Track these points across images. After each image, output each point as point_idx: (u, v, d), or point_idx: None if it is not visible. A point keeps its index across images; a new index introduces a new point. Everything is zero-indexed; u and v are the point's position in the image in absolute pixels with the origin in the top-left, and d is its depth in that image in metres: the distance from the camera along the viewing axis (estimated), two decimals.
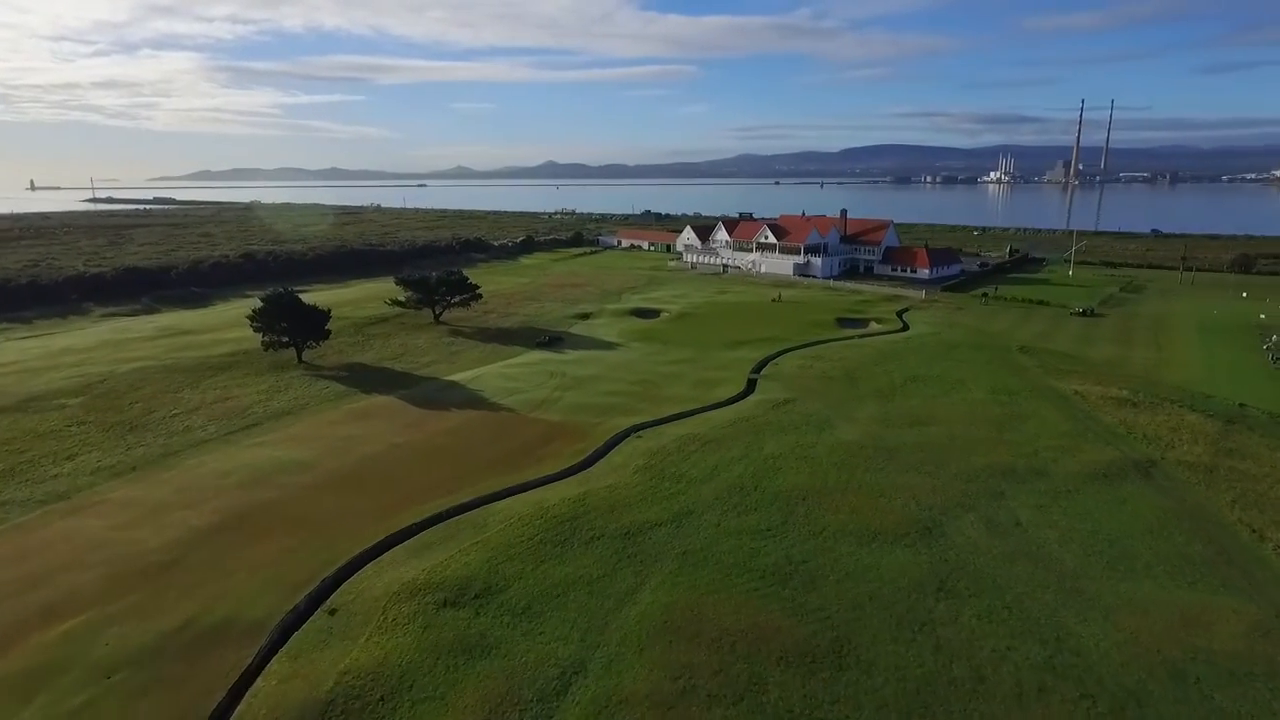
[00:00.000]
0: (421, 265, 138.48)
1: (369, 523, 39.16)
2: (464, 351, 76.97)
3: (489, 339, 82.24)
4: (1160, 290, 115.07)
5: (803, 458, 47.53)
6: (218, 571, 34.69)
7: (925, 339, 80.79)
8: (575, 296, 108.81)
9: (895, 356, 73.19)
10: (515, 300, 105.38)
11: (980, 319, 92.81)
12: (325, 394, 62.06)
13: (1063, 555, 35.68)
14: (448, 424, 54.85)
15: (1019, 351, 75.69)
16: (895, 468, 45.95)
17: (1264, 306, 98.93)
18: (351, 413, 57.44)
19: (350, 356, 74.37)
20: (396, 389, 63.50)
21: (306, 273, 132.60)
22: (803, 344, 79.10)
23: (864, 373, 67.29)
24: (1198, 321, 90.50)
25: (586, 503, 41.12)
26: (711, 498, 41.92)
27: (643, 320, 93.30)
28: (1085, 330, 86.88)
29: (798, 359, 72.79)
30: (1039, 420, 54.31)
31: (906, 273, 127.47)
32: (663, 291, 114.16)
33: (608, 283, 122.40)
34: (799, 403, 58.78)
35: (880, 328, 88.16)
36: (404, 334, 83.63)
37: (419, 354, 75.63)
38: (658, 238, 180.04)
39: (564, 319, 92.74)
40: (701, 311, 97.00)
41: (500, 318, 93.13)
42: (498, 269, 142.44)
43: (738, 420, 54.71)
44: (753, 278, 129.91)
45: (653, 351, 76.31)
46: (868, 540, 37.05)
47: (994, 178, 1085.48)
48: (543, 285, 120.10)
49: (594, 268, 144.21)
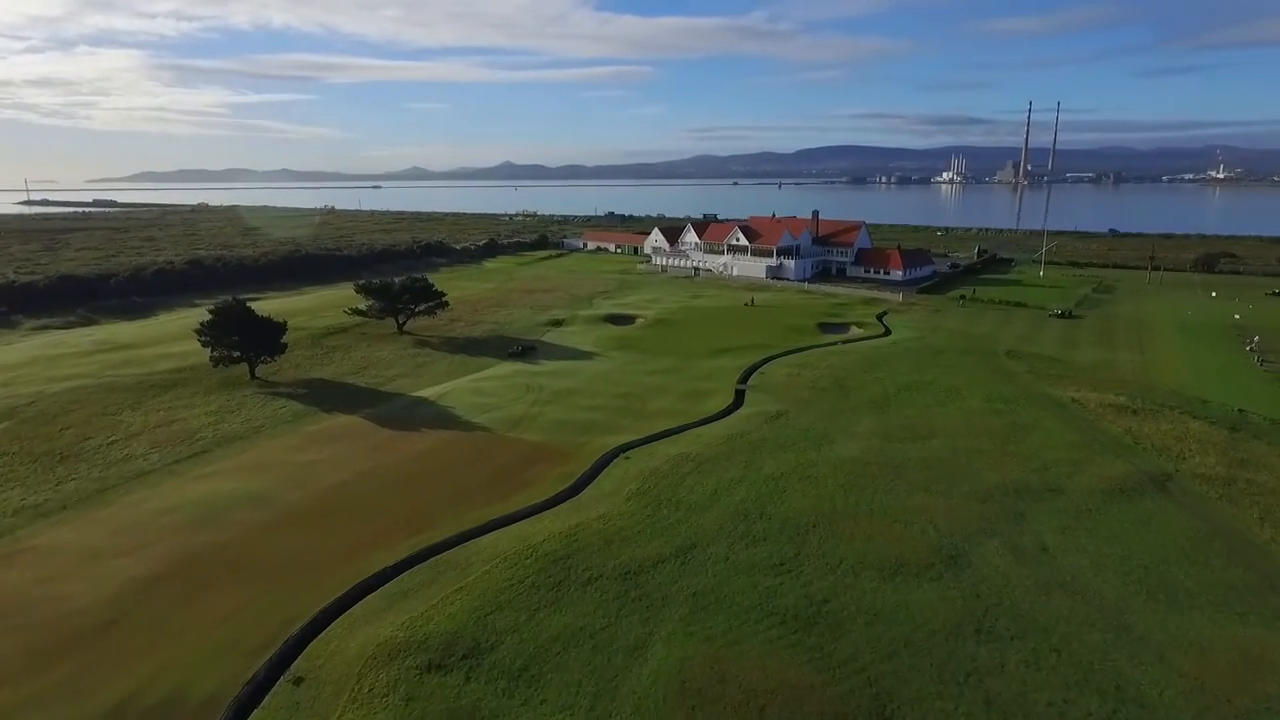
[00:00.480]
0: (381, 270, 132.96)
1: (336, 567, 34.87)
2: (431, 364, 72.41)
3: (457, 349, 77.73)
4: (1131, 290, 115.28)
5: (806, 478, 44.43)
6: (162, 634, 30.14)
7: (910, 344, 78.63)
8: (545, 302, 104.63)
9: (883, 363, 70.79)
10: (482, 307, 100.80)
11: (961, 322, 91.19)
12: (282, 414, 57.12)
13: (1100, 586, 33.06)
14: (419, 446, 50.51)
15: (1006, 356, 73.95)
16: (905, 488, 43.11)
17: (1236, 306, 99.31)
18: (312, 436, 52.69)
19: (309, 371, 69.28)
20: (361, 407, 58.85)
21: (258, 279, 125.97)
22: (786, 350, 76.31)
23: (854, 381, 64.66)
24: (1175, 322, 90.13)
25: (579, 537, 37.37)
26: (715, 527, 38.52)
27: (618, 327, 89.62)
28: (1067, 332, 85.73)
29: (784, 367, 69.91)
30: (1043, 431, 52.13)
31: (879, 274, 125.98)
32: (635, 296, 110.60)
33: (577, 287, 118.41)
34: (792, 415, 55.77)
35: (862, 332, 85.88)
36: (366, 345, 78.65)
37: (383, 367, 70.86)
38: (624, 240, 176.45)
39: (535, 327, 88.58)
40: (678, 317, 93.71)
41: (468, 326, 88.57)
42: (461, 274, 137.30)
43: (731, 436, 51.45)
44: (725, 281, 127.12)
45: (632, 361, 72.71)
46: (890, 574, 33.99)
47: (946, 178, 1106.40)
48: (510, 291, 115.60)
49: (561, 271, 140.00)
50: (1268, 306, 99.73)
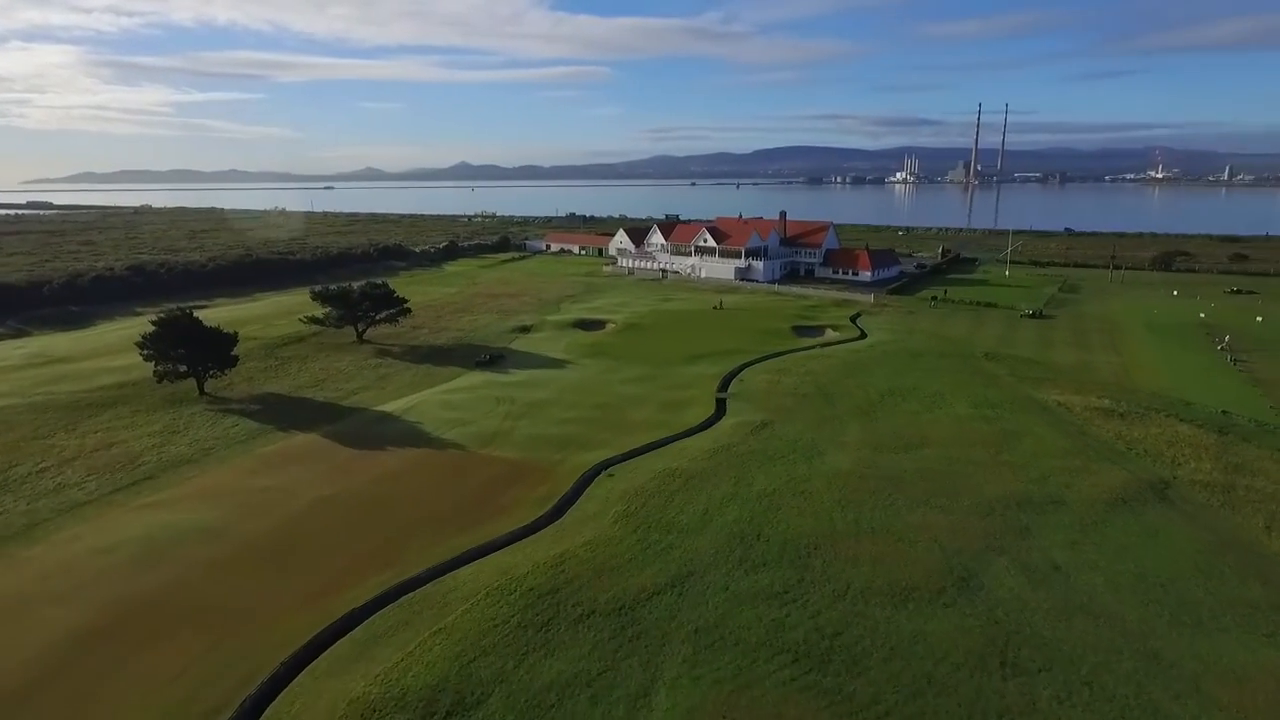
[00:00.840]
0: (337, 275, 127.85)
1: (299, 610, 31.53)
2: (395, 375, 68.69)
3: (422, 359, 74.07)
4: (1095, 290, 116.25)
5: (800, 494, 42.26)
6: (99, 698, 26.57)
7: (888, 347, 77.32)
8: (511, 307, 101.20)
9: (863, 368, 69.23)
10: (446, 313, 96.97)
11: (935, 323, 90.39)
12: (234, 434, 53.07)
13: (1119, 608, 31.40)
14: (385, 467, 47.09)
15: (985, 359, 73.04)
16: (904, 502, 41.21)
17: (1199, 305, 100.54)
18: (268, 458, 48.84)
19: (262, 385, 65.06)
20: (320, 424, 55.06)
21: (206, 285, 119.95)
22: (763, 356, 74.34)
23: (837, 387, 62.90)
24: (1143, 322, 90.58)
25: (566, 567, 34.57)
26: (710, 551, 36.05)
27: (588, 333, 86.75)
28: (1040, 333, 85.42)
29: (763, 373, 67.88)
30: (1034, 438, 50.85)
31: (848, 275, 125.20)
32: (603, 300, 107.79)
33: (543, 291, 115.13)
34: (778, 425, 53.66)
35: (838, 335, 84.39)
36: (324, 356, 74.49)
37: (343, 379, 66.95)
38: (588, 241, 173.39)
39: (502, 333, 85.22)
40: (649, 322, 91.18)
41: (432, 334, 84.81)
42: (422, 278, 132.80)
43: (717, 450, 49.07)
44: (694, 283, 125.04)
45: (606, 369, 69.96)
46: (901, 599, 31.90)
47: (900, 178, 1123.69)
48: (474, 295, 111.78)
49: (526, 275, 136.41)
50: (1229, 305, 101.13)
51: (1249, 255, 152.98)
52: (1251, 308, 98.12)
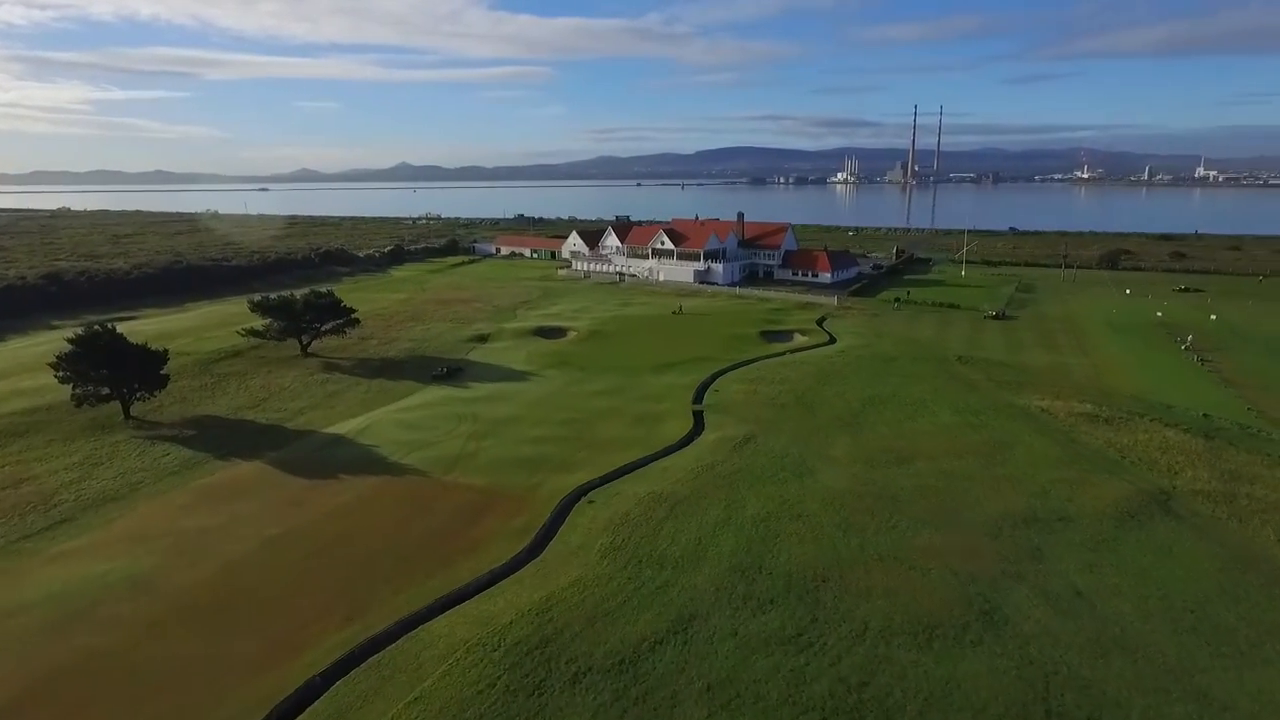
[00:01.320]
0: (276, 282, 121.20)
1: (247, 680, 27.21)
2: (345, 392, 63.74)
3: (374, 373, 69.15)
4: (1051, 289, 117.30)
5: (797, 517, 39.45)
6: None
7: (860, 352, 75.48)
8: (465, 315, 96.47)
9: (838, 374, 67.10)
10: (396, 322, 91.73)
11: (902, 326, 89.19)
12: (166, 464, 47.74)
13: (1155, 639, 29.33)
14: (341, 499, 42.62)
15: (959, 363, 71.79)
16: (906, 523, 38.76)
17: (1153, 304, 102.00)
18: (206, 492, 43.82)
19: (197, 406, 59.44)
20: (264, 450, 50.07)
21: (131, 295, 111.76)
22: (735, 363, 71.68)
23: (815, 396, 60.56)
24: (1104, 321, 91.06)
25: (554, 614, 30.97)
26: (711, 588, 32.89)
27: (549, 341, 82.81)
28: (1007, 335, 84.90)
29: (738, 382, 65.16)
30: (1025, 447, 49.18)
31: (808, 277, 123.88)
32: (561, 305, 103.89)
33: (498, 297, 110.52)
34: (761, 440, 50.88)
35: (807, 340, 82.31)
36: (265, 372, 68.91)
37: (288, 398, 61.73)
38: (540, 244, 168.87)
39: (458, 343, 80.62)
40: (612, 328, 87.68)
41: (382, 345, 79.70)
42: (368, 284, 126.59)
43: (701, 469, 46.00)
44: (653, 286, 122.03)
45: (572, 381, 66.27)
46: (926, 639, 29.24)
47: (841, 178, 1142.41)
48: (424, 302, 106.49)
49: (478, 279, 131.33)
50: (1181, 303, 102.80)
51: (1186, 254, 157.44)
52: (1202, 306, 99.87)
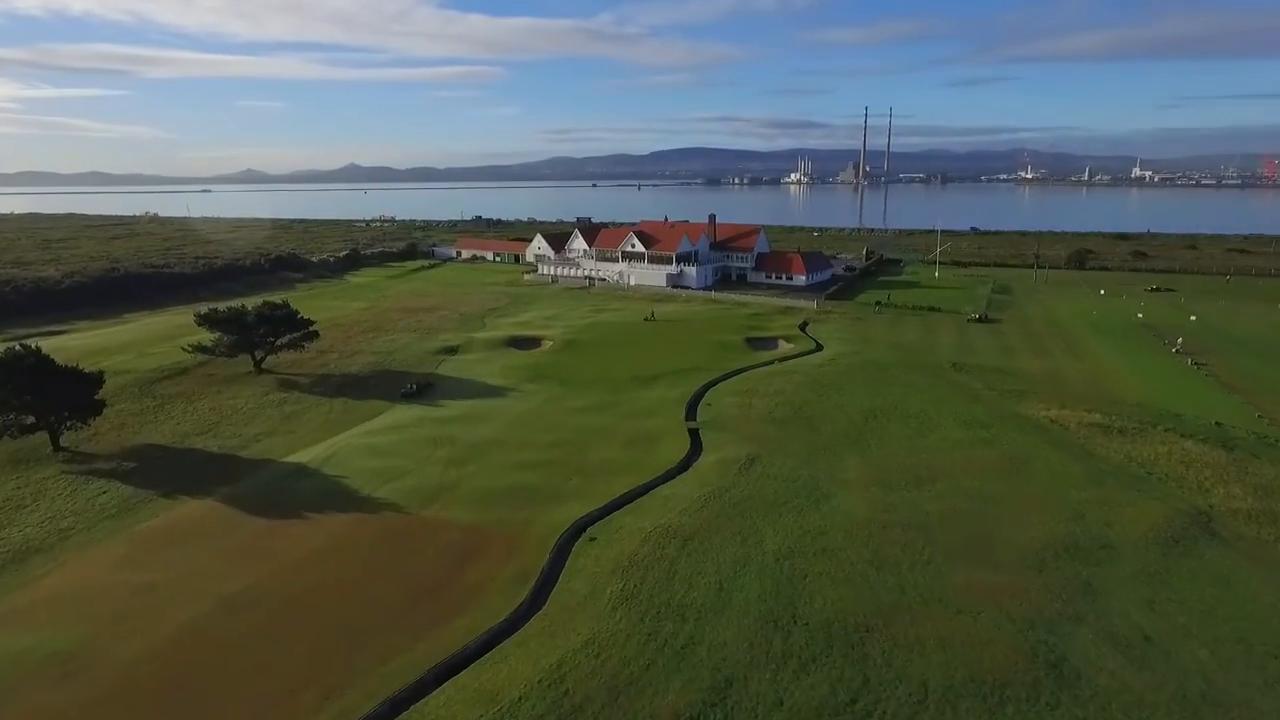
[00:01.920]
0: (224, 290, 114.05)
1: None
2: (305, 413, 58.26)
3: (336, 391, 63.68)
4: (1025, 290, 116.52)
5: (822, 552, 35.83)
6: None
7: (850, 360, 72.48)
8: (431, 324, 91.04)
9: (834, 385, 63.91)
10: (357, 333, 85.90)
11: (887, 331, 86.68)
12: (102, 506, 42.04)
13: (1245, 693, 26.36)
14: (308, 544, 37.61)
15: (954, 370, 69.30)
16: (942, 557, 35.42)
17: (1130, 305, 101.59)
18: (149, 539, 38.37)
19: (138, 434, 53.43)
20: (216, 485, 44.64)
21: (63, 306, 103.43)
22: (724, 374, 68.04)
23: (814, 409, 57.24)
24: (1087, 323, 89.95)
25: (569, 685, 26.72)
26: (743, 645, 28.99)
27: (524, 352, 78.12)
28: (994, 339, 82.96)
29: (730, 395, 61.50)
30: (1043, 464, 46.46)
31: (782, 280, 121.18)
32: (532, 313, 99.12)
33: (464, 304, 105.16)
34: (766, 461, 47.25)
35: (793, 348, 79.12)
36: (215, 392, 62.91)
37: (241, 422, 56.04)
38: (503, 248, 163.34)
39: (426, 356, 75.39)
40: (588, 337, 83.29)
41: (343, 359, 74.04)
42: (324, 291, 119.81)
43: (708, 497, 42.13)
44: (624, 291, 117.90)
45: (553, 396, 61.84)
46: (996, 701, 25.79)
47: (795, 179, 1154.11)
48: (386, 311, 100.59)
49: (441, 285, 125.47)
50: (1157, 304, 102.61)
51: (1147, 253, 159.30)
52: (1178, 306, 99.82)
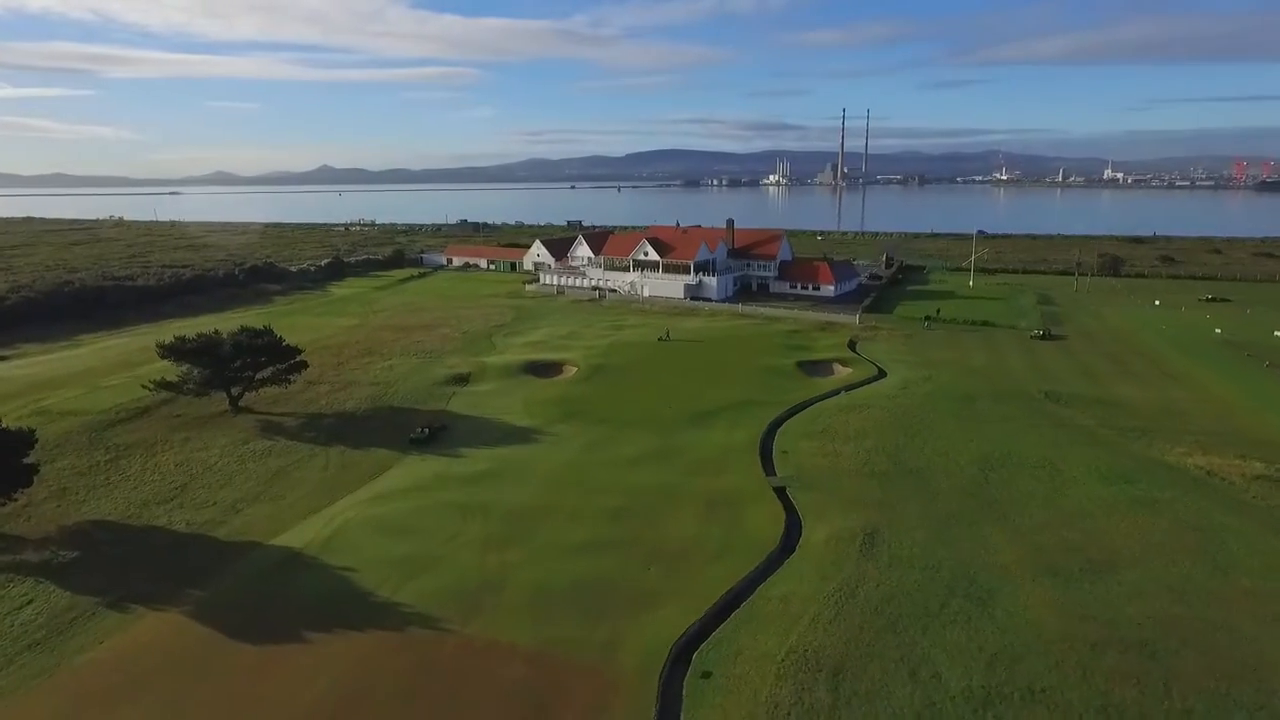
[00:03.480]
0: (193, 305, 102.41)
1: None
2: (294, 469, 47.37)
3: (330, 437, 52.77)
4: (1070, 300, 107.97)
5: (1031, 697, 26.20)
6: None
7: (926, 389, 62.91)
8: (431, 345, 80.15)
9: (921, 423, 54.34)
10: (348, 357, 74.79)
11: (947, 351, 77.34)
12: (25, 627, 31.01)
13: None
14: (311, 691, 26.96)
15: (1049, 400, 60.09)
16: (1203, 708, 25.71)
17: (1195, 316, 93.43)
18: (86, 689, 27.45)
19: (82, 505, 42.24)
20: (183, 586, 33.80)
21: (6, 325, 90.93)
22: (785, 409, 58.20)
23: (913, 457, 47.64)
24: (1164, 340, 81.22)
25: None
26: None
27: (546, 381, 67.66)
28: (1070, 360, 73.92)
29: (805, 438, 51.64)
30: (1237, 538, 37.10)
31: (808, 290, 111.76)
32: (544, 330, 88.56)
33: (465, 319, 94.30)
34: (889, 536, 37.43)
35: (853, 373, 69.42)
36: (182, 440, 51.78)
37: (216, 483, 45.03)
38: (497, 254, 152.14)
39: (433, 387, 64.63)
40: (615, 361, 72.89)
41: (335, 392, 63.07)
42: (306, 305, 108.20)
43: (838, 597, 32.21)
44: (639, 304, 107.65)
45: (596, 441, 51.56)
46: None
47: (773, 180, 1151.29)
48: (378, 329, 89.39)
49: (436, 297, 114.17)
50: (1226, 316, 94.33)
51: (1174, 258, 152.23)
52: (1245, 318, 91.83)
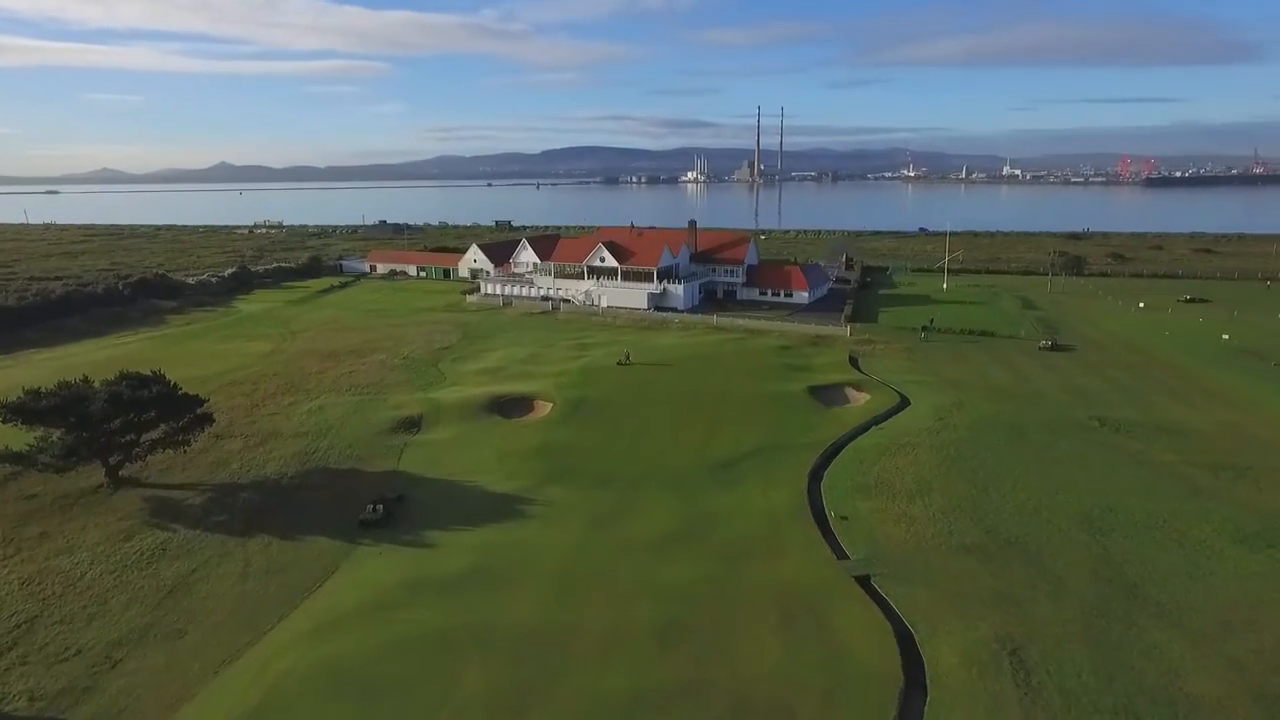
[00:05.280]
0: (66, 330, 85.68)
1: None
2: (199, 580, 34.24)
3: (248, 522, 39.64)
4: (1050, 303, 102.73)
5: None
6: None
7: (963, 419, 54.23)
8: (368, 376, 66.82)
9: (982, 467, 45.61)
10: (265, 395, 60.84)
11: (958, 367, 69.44)
12: None
13: None
14: None
15: (1105, 428, 52.56)
16: None
17: (1187, 320, 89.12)
18: None
19: None
20: None
21: None
22: (819, 453, 48.51)
23: (998, 517, 38.92)
24: (1181, 349, 75.56)
25: None
26: None
27: (517, 421, 55.81)
28: (1095, 376, 67.05)
29: (857, 496, 42.06)
30: None
31: (780, 296, 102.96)
32: (499, 352, 76.20)
33: (404, 341, 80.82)
34: (1037, 653, 28.12)
35: (870, 400, 60.19)
36: (33, 538, 37.69)
37: (81, 614, 31.60)
38: (428, 260, 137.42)
39: (377, 437, 51.81)
40: (596, 393, 61.32)
41: (251, 446, 49.53)
42: (208, 326, 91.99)
43: None
44: (599, 316, 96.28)
45: (602, 512, 40.52)
46: None
47: (691, 177, 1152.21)
48: (300, 355, 75.00)
49: (364, 313, 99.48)
50: (1219, 318, 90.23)
51: (1124, 255, 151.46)
52: (1237, 319, 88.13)
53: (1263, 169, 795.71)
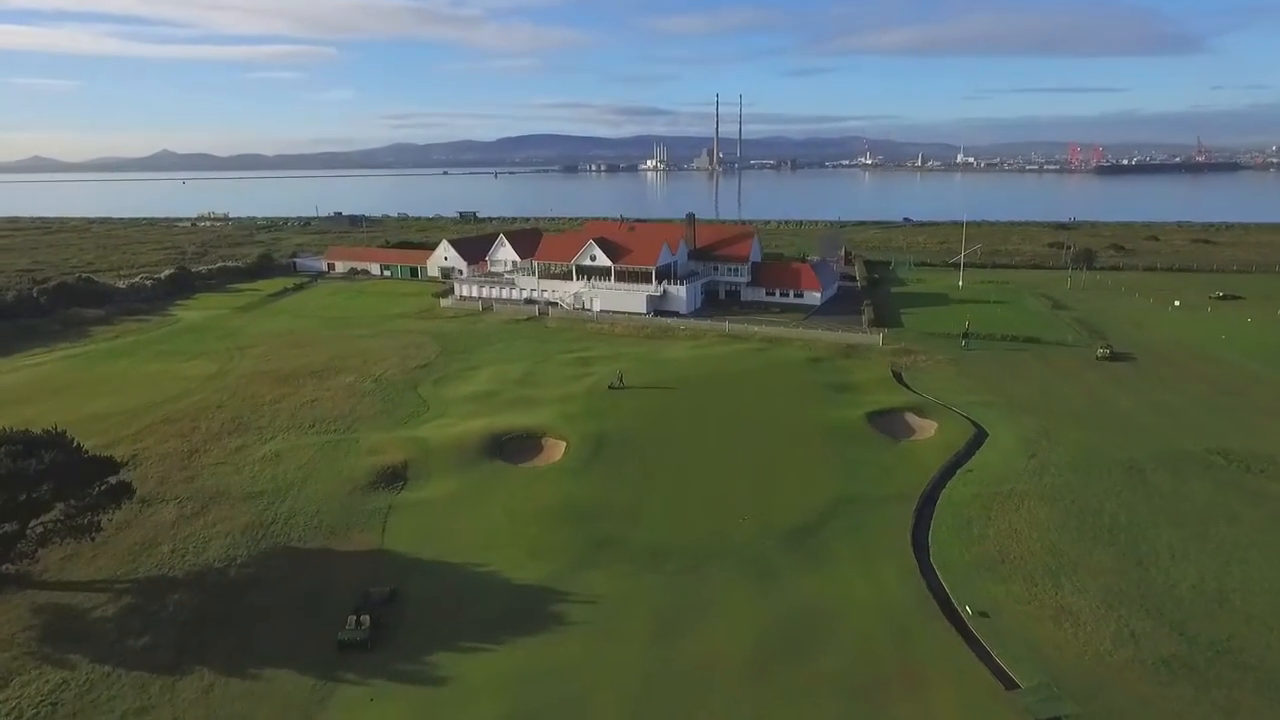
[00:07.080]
0: None
1: None
2: None
3: (180, 648, 28.75)
4: (1073, 300, 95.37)
5: None
6: None
7: (1062, 456, 45.61)
8: (334, 408, 55.53)
9: (1112, 521, 37.31)
10: (206, 437, 49.28)
11: (1024, 385, 60.97)
12: None
13: None
14: None
15: (1233, 466, 44.54)
16: None
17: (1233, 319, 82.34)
18: None
19: None
20: None
21: None
22: (911, 508, 39.24)
23: (1190, 616, 30.14)
24: (1254, 357, 68.05)
25: None
26: None
27: (527, 467, 45.46)
28: (1175, 392, 59.22)
29: (987, 578, 33.09)
30: None
31: (789, 297, 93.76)
32: (488, 370, 65.39)
33: (374, 357, 69.38)
34: None
35: (936, 428, 51.13)
36: None
37: None
38: (393, 258, 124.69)
39: (351, 496, 40.99)
40: (616, 425, 50.99)
41: (187, 516, 38.38)
42: (140, 340, 79.02)
43: None
44: (594, 322, 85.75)
45: (663, 610, 30.75)
46: None
47: (651, 165, 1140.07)
48: (249, 379, 63.09)
49: (325, 321, 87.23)
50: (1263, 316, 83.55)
51: (1125, 246, 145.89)
52: None
53: (1204, 157, 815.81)
